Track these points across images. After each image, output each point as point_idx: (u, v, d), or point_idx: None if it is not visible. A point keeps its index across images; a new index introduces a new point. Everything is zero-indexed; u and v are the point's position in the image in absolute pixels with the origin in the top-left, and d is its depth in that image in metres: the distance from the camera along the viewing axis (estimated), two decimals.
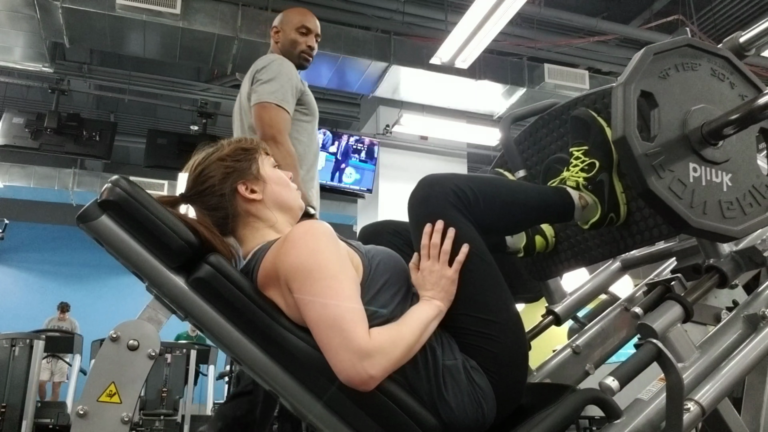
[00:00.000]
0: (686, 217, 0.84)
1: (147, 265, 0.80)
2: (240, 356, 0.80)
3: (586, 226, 1.00)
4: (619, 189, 0.98)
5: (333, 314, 0.73)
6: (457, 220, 0.84)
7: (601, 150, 0.98)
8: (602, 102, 1.02)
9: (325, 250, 0.77)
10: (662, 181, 0.84)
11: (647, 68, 0.88)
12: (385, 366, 0.73)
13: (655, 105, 0.87)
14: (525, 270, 1.27)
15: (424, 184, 0.87)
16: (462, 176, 0.91)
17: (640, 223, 0.97)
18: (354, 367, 0.71)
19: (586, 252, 1.10)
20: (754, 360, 0.88)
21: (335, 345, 0.72)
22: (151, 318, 0.81)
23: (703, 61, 0.93)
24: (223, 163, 0.90)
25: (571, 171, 1.00)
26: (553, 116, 1.15)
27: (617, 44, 4.60)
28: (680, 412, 0.78)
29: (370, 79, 4.34)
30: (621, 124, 0.85)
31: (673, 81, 0.90)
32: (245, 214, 0.89)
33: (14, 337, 3.02)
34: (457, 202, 0.85)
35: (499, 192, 0.92)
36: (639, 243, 0.99)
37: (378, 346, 0.72)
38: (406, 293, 0.84)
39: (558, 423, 0.76)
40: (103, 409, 0.75)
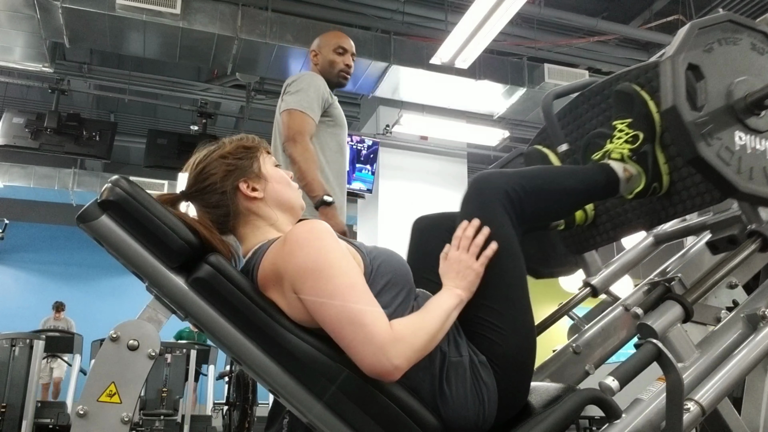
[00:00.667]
0: (735, 182, 0.89)
1: (147, 265, 0.80)
2: (240, 356, 0.80)
3: (630, 196, 1.05)
4: (661, 160, 1.04)
5: (352, 311, 0.73)
6: (501, 219, 0.88)
7: (644, 122, 1.03)
8: (644, 77, 1.06)
9: (331, 248, 0.77)
10: (711, 149, 0.89)
11: (693, 42, 0.93)
12: (409, 355, 0.73)
13: (702, 77, 0.92)
14: (562, 244, 1.30)
15: (476, 182, 0.92)
16: (512, 174, 0.94)
17: (681, 193, 1.03)
18: (379, 360, 0.72)
19: (625, 223, 1.15)
20: (754, 360, 0.88)
21: (359, 340, 0.72)
22: (151, 318, 0.81)
23: (743, 35, 0.98)
24: (224, 161, 0.90)
25: (615, 143, 1.05)
26: (594, 92, 1.20)
27: (617, 44, 4.60)
28: (680, 412, 0.78)
29: (370, 79, 4.34)
30: (671, 95, 0.89)
31: (716, 54, 0.95)
32: (246, 213, 0.89)
33: (14, 337, 3.02)
34: (506, 201, 0.89)
35: (548, 184, 0.97)
36: (680, 212, 1.05)
37: (401, 336, 0.73)
38: (408, 295, 0.84)
39: (558, 423, 0.76)
40: (103, 409, 0.75)
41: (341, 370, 0.76)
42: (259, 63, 4.15)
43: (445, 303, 0.81)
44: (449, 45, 3.66)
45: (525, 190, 0.90)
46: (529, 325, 0.86)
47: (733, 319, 0.95)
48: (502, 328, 0.82)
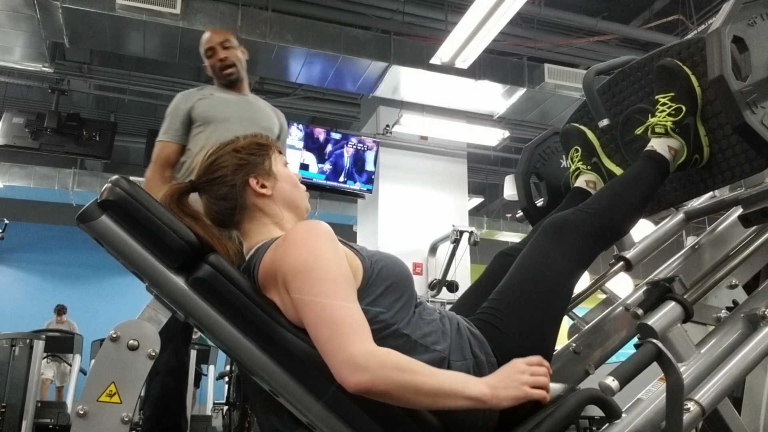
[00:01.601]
0: None
1: (147, 265, 0.80)
2: (240, 356, 0.80)
3: (673, 169, 1.09)
4: (702, 132, 1.08)
5: (333, 316, 0.73)
6: (561, 257, 0.94)
7: (686, 96, 1.07)
8: (686, 52, 1.10)
9: (326, 251, 0.77)
10: (756, 116, 0.94)
11: (737, 16, 0.97)
12: (375, 380, 0.69)
13: (746, 49, 0.96)
14: None
15: (554, 225, 0.98)
16: (584, 214, 1.00)
17: (721, 164, 1.07)
18: (343, 369, 0.70)
19: (663, 196, 1.20)
20: (754, 360, 0.88)
21: (332, 346, 0.72)
22: (151, 318, 0.81)
23: None
24: (237, 155, 0.90)
25: (658, 117, 1.09)
26: (635, 69, 1.24)
27: (617, 44, 4.60)
28: (680, 412, 0.78)
29: (370, 79, 4.34)
30: (718, 64, 0.93)
31: (759, 28, 0.99)
32: (252, 208, 0.90)
33: (14, 337, 3.02)
34: (582, 243, 0.96)
35: (624, 209, 1.04)
36: (719, 183, 1.10)
37: (377, 358, 0.70)
38: (409, 300, 0.84)
39: (558, 423, 0.76)
40: (103, 409, 0.75)
41: None
42: (259, 63, 4.15)
43: (460, 382, 0.73)
44: (449, 45, 3.66)
45: (604, 227, 0.98)
46: (548, 342, 0.89)
47: (733, 319, 0.95)
48: (521, 332, 0.85)
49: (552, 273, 0.92)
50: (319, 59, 4.11)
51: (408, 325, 0.82)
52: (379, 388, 0.69)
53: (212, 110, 1.73)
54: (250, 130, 1.62)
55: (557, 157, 1.44)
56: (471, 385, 0.73)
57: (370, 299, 0.80)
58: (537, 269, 0.93)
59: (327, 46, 4.02)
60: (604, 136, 1.26)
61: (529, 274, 0.93)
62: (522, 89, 4.41)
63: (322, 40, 4.02)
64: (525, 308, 0.88)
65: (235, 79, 1.79)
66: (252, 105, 1.79)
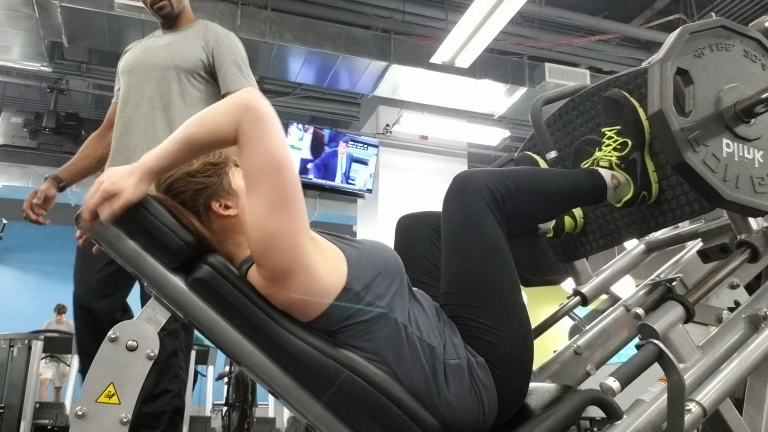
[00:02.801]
0: (720, 190, 0.88)
1: (146, 266, 0.80)
2: (239, 357, 0.80)
3: (619, 204, 1.04)
4: (651, 168, 1.02)
5: (284, 197, 0.74)
6: (484, 217, 0.86)
7: (633, 129, 1.02)
8: (634, 83, 1.05)
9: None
10: (697, 155, 0.88)
11: (683, 47, 0.92)
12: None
13: (691, 82, 0.91)
14: (552, 251, 1.30)
15: (459, 179, 0.89)
16: (496, 172, 0.92)
17: (671, 201, 1.02)
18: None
19: (615, 232, 1.14)
20: (755, 360, 0.88)
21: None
22: (149, 318, 0.81)
23: (735, 42, 0.97)
24: (193, 179, 0.85)
25: (604, 150, 1.04)
26: (584, 98, 1.19)
27: (618, 43, 4.60)
28: (681, 413, 0.78)
29: (370, 79, 4.34)
30: (658, 99, 0.88)
31: (707, 60, 0.94)
32: (222, 231, 0.85)
33: (12, 338, 3.01)
34: (490, 198, 0.87)
35: (533, 183, 0.95)
36: (669, 221, 1.04)
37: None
38: (401, 287, 0.83)
39: (559, 424, 0.76)
40: (101, 409, 0.75)
41: (341, 371, 0.76)
42: (259, 62, 4.14)
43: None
44: (449, 44, 3.66)
45: (509, 188, 0.89)
46: (524, 322, 0.85)
47: (734, 319, 0.95)
48: (497, 328, 0.82)
49: (487, 246, 0.85)
50: (318, 58, 4.10)
51: (403, 312, 0.81)
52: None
53: (123, 64, 1.59)
54: (150, 80, 1.46)
55: None
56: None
57: (363, 285, 0.79)
58: (472, 246, 0.85)
59: (327, 45, 4.01)
60: (556, 166, 1.22)
61: (468, 257, 0.85)
62: (523, 89, 4.41)
63: (321, 40, 4.02)
64: (484, 304, 0.83)
65: (168, 13, 1.57)
66: (168, 45, 1.55)
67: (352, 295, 0.78)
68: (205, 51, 1.53)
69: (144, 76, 1.50)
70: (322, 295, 0.77)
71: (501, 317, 0.82)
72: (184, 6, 1.62)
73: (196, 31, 1.59)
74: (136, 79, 1.51)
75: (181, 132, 0.79)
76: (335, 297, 0.77)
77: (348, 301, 0.78)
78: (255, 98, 0.77)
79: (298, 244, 0.75)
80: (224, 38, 1.56)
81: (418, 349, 0.79)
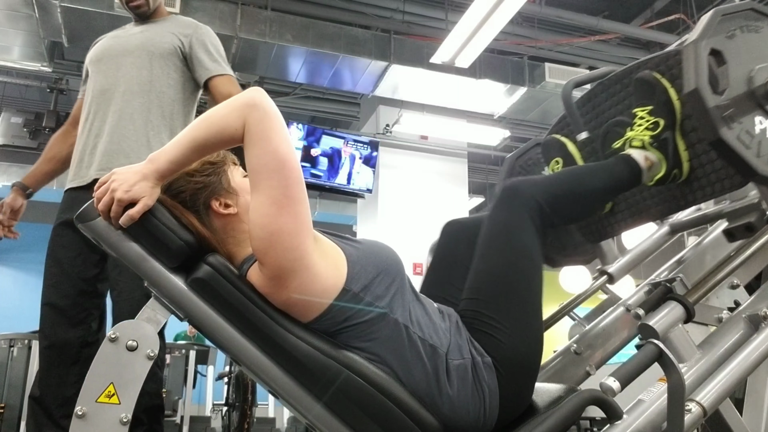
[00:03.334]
0: (755, 165, 0.91)
1: (146, 265, 0.80)
2: (239, 357, 0.80)
3: (650, 183, 1.07)
4: (681, 147, 1.05)
5: (290, 200, 0.74)
6: (526, 227, 0.89)
7: (664, 109, 1.05)
8: (665, 64, 1.08)
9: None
10: (732, 132, 0.91)
11: (716, 28, 0.94)
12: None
13: (724, 62, 0.93)
14: (579, 231, 1.31)
15: (507, 190, 0.93)
16: (540, 183, 0.95)
17: (701, 179, 1.05)
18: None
19: (644, 211, 1.17)
20: (755, 360, 0.88)
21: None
22: (150, 318, 0.81)
23: (765, 23, 0.99)
24: (192, 179, 0.85)
25: (636, 131, 1.07)
26: (614, 81, 1.21)
27: (618, 43, 4.60)
28: (681, 413, 0.78)
29: (370, 79, 4.33)
30: (694, 78, 0.91)
31: (738, 41, 0.96)
32: (222, 231, 0.85)
33: (12, 338, 3.01)
34: (536, 212, 0.90)
35: (576, 188, 0.99)
36: (700, 198, 1.07)
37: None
38: (401, 287, 0.83)
39: (559, 424, 0.76)
40: (101, 409, 0.75)
41: (341, 371, 0.76)
42: (259, 62, 4.15)
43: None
44: (449, 44, 3.66)
45: (555, 196, 0.92)
46: (538, 331, 0.86)
47: (734, 319, 0.95)
48: (512, 330, 0.82)
49: (521, 251, 0.88)
50: (318, 58, 4.10)
51: (404, 313, 0.81)
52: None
53: (91, 54, 1.52)
54: (122, 66, 1.41)
55: (539, 168, 1.44)
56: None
57: (363, 285, 0.79)
58: (505, 249, 0.88)
59: (327, 45, 4.01)
60: (584, 148, 1.24)
61: (499, 259, 0.88)
62: (523, 88, 4.40)
63: (321, 40, 4.02)
64: (505, 304, 0.85)
65: (144, 12, 1.55)
66: (140, 33, 1.51)
67: (351, 295, 0.78)
68: (180, 39, 1.48)
69: (114, 63, 1.45)
70: (321, 295, 0.77)
71: (518, 320, 0.84)
72: (159, 3, 1.59)
73: (169, 22, 1.56)
74: (105, 66, 1.47)
75: (188, 133, 0.79)
76: (335, 297, 0.77)
77: (347, 302, 0.78)
78: (261, 97, 0.77)
79: (301, 244, 0.75)
80: (201, 28, 1.53)
81: (420, 349, 0.79)
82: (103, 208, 0.78)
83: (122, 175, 0.78)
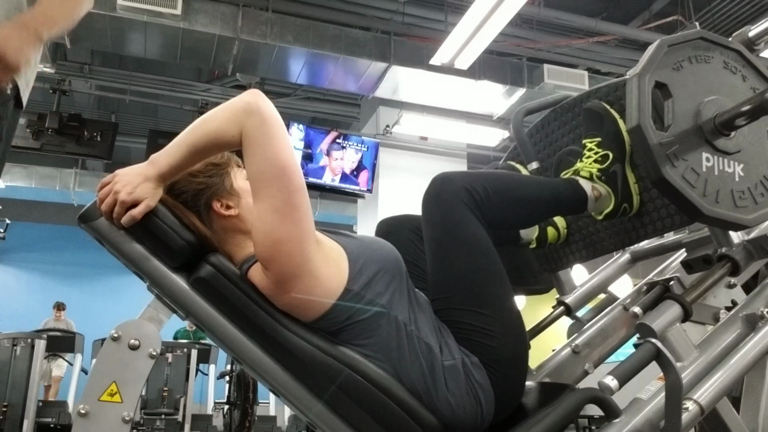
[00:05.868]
0: (699, 206, 0.86)
1: (148, 265, 0.80)
2: (241, 356, 0.80)
3: (599, 216, 1.02)
4: (632, 180, 1.01)
5: (291, 206, 0.74)
6: (465, 218, 0.85)
7: (614, 141, 1.00)
8: (614, 94, 1.04)
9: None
10: (676, 170, 0.86)
11: (661, 60, 0.90)
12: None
13: (669, 96, 0.89)
14: (536, 261, 1.29)
15: (436, 181, 0.89)
16: (474, 174, 0.92)
17: (652, 214, 1.00)
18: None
19: (598, 243, 1.13)
20: (752, 359, 0.88)
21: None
22: (152, 318, 0.82)
23: (715, 53, 0.95)
24: (194, 179, 0.85)
25: (585, 162, 1.02)
26: (565, 109, 1.18)
27: (616, 45, 4.60)
28: (679, 412, 0.78)
29: (370, 80, 4.34)
30: (636, 114, 0.86)
31: (686, 73, 0.92)
32: (222, 231, 0.85)
33: (15, 337, 3.03)
34: (468, 200, 0.86)
35: (511, 188, 0.94)
36: (651, 233, 1.02)
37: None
38: (401, 285, 0.84)
39: (557, 422, 0.76)
40: (104, 408, 0.76)
41: (341, 369, 0.77)
42: (260, 63, 4.16)
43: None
44: (449, 45, 3.66)
45: (486, 190, 0.88)
46: (516, 321, 0.85)
47: (732, 318, 0.95)
48: (490, 330, 0.82)
49: (471, 247, 0.84)
50: (319, 60, 4.11)
51: (403, 311, 0.81)
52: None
53: None
54: None
55: None
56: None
57: (363, 282, 0.80)
58: (457, 250, 0.85)
59: (327, 46, 4.02)
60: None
61: (455, 262, 0.84)
62: (521, 90, 4.41)
63: (322, 41, 4.03)
64: (476, 308, 0.83)
65: None
66: None
67: (353, 294, 0.79)
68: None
69: None
70: (324, 296, 0.78)
71: (493, 319, 0.82)
72: None
73: None
74: None
75: (187, 137, 0.79)
76: (337, 297, 0.78)
77: (349, 301, 0.79)
78: (258, 101, 0.76)
79: (304, 250, 0.75)
80: None
81: (417, 348, 0.80)
82: (106, 209, 0.79)
83: (125, 177, 0.79)
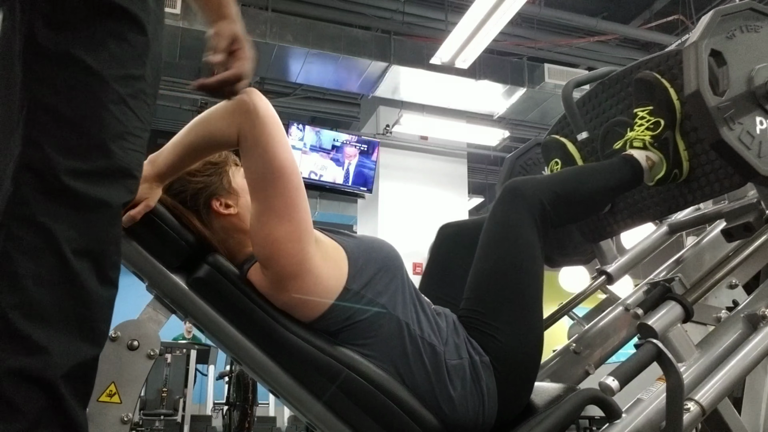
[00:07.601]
0: (756, 166, 0.91)
1: (147, 265, 0.80)
2: (240, 356, 0.80)
3: (651, 182, 1.08)
4: (681, 146, 1.06)
5: (288, 208, 0.74)
6: (527, 226, 0.89)
7: (665, 109, 1.05)
8: (665, 64, 1.08)
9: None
10: (733, 133, 0.91)
11: (716, 29, 0.94)
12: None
13: (724, 63, 0.94)
14: (578, 231, 1.31)
15: (509, 190, 0.92)
16: (543, 183, 0.95)
17: (701, 179, 1.05)
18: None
19: (643, 210, 1.17)
20: (754, 360, 0.88)
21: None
22: (151, 318, 0.81)
23: (764, 23, 0.99)
24: (193, 179, 0.85)
25: (636, 131, 1.07)
26: (614, 81, 1.21)
27: (617, 44, 4.60)
28: (680, 412, 0.78)
29: (370, 79, 4.34)
30: (695, 79, 0.91)
31: (738, 41, 0.96)
32: (222, 231, 0.85)
33: None
34: (538, 213, 0.90)
35: (580, 187, 1.00)
36: (699, 198, 1.07)
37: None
38: (402, 284, 0.84)
39: (558, 423, 0.76)
40: (103, 409, 0.75)
41: (341, 370, 0.77)
42: (260, 63, 4.15)
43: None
44: (449, 45, 3.66)
45: (557, 196, 0.92)
46: (538, 331, 0.86)
47: (733, 319, 0.95)
48: (511, 330, 0.83)
49: (523, 249, 0.87)
50: (319, 59, 4.11)
51: (404, 310, 0.81)
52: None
53: None
54: None
55: (539, 168, 1.44)
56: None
57: (362, 287, 0.79)
58: (507, 247, 0.88)
59: (327, 46, 4.02)
60: (584, 149, 1.24)
61: (501, 257, 0.87)
62: (522, 89, 4.41)
63: (322, 40, 4.02)
64: (507, 303, 0.85)
65: None
66: None
67: (353, 294, 0.79)
68: None
69: None
70: (323, 295, 0.77)
71: (518, 320, 0.84)
72: None
73: None
74: None
75: (184, 137, 0.79)
76: (336, 297, 0.78)
77: (349, 300, 0.78)
78: (255, 101, 0.76)
79: (302, 249, 0.75)
80: None
81: (420, 348, 0.79)
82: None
83: None
